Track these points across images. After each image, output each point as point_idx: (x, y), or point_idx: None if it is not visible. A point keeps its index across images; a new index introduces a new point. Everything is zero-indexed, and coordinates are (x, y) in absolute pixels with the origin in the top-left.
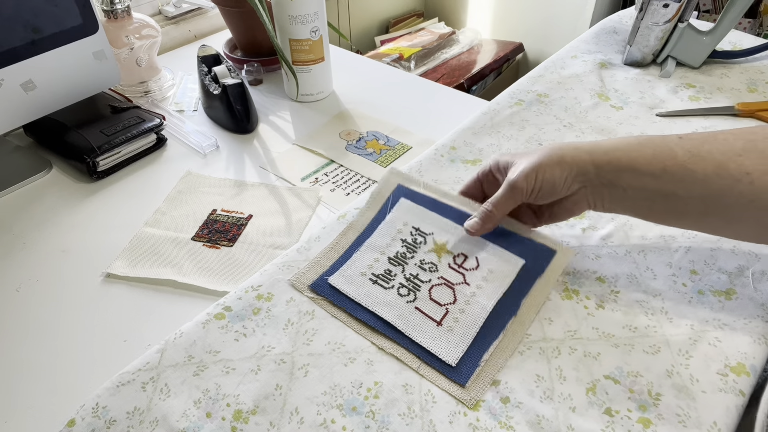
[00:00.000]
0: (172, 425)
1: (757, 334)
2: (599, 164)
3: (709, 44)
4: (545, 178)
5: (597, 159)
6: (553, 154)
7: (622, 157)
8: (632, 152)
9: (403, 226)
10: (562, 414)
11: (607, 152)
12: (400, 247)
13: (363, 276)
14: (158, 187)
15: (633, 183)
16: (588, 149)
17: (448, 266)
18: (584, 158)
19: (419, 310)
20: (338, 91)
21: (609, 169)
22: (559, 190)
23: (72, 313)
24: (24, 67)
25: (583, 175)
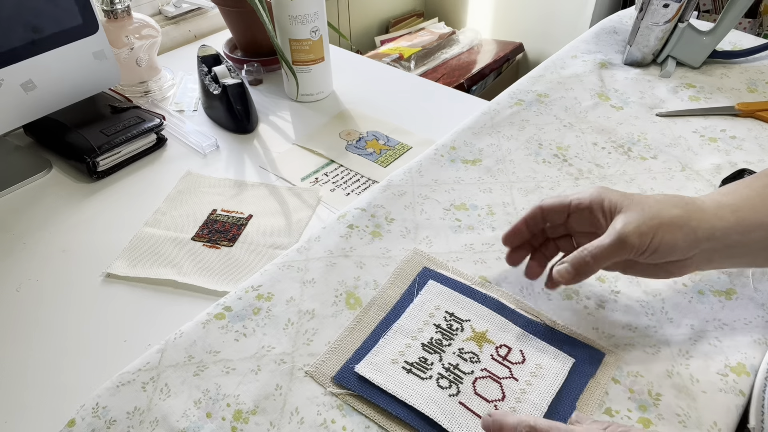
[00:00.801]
0: (172, 425)
1: (758, 334)
2: (727, 227)
3: (709, 44)
4: (664, 240)
5: (725, 222)
6: (676, 214)
7: (749, 215)
8: (758, 206)
9: (435, 310)
10: None
11: (735, 210)
12: (434, 332)
13: (395, 364)
14: (158, 187)
15: (761, 237)
16: (713, 210)
17: (491, 357)
18: (712, 222)
19: (464, 405)
20: (338, 91)
21: (738, 231)
22: (677, 255)
23: (72, 313)
24: (24, 67)
25: (708, 240)
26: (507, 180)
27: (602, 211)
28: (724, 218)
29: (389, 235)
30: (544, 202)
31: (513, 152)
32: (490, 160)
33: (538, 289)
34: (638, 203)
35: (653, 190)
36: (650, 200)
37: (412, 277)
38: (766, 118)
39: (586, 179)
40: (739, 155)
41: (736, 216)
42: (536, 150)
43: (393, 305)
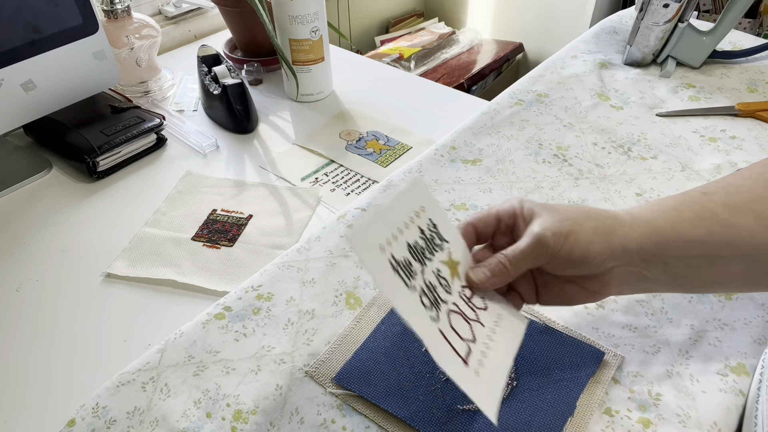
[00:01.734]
0: (172, 425)
1: (758, 335)
2: (641, 237)
3: (709, 44)
4: (579, 242)
5: (639, 232)
6: (590, 219)
7: (664, 225)
8: (672, 218)
9: (421, 210)
10: None
11: (648, 222)
12: (418, 237)
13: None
14: (158, 187)
15: (677, 253)
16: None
17: (458, 294)
18: (626, 231)
19: (443, 335)
20: (338, 91)
21: (654, 242)
22: (591, 263)
23: (72, 313)
24: (24, 67)
25: (623, 252)
26: (507, 180)
27: (523, 218)
28: (638, 228)
29: None
30: (472, 217)
31: (513, 152)
32: (490, 160)
33: None
34: (555, 209)
35: (653, 190)
36: (568, 207)
37: None
38: (766, 118)
39: (586, 179)
40: (740, 155)
41: (651, 227)
42: (536, 150)
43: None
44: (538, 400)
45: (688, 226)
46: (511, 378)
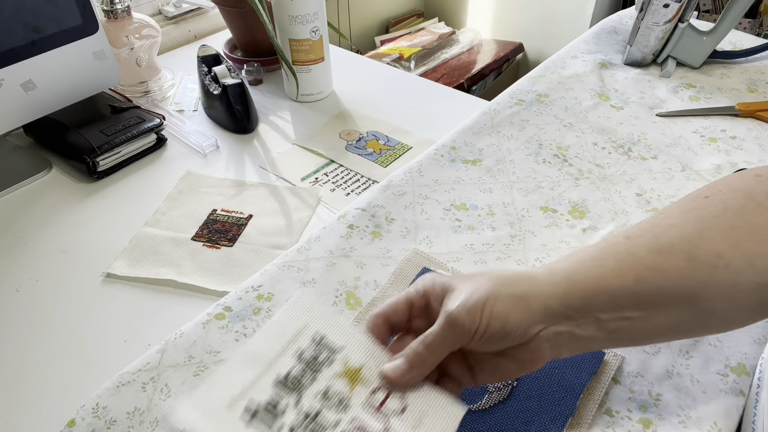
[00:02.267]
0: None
1: (758, 335)
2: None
3: (710, 44)
4: (495, 313)
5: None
6: (504, 285)
7: (586, 278)
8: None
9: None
10: None
11: (568, 277)
12: (293, 365)
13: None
14: (158, 187)
15: (605, 306)
16: (544, 278)
17: (361, 407)
18: (544, 289)
19: None
20: (338, 91)
21: (578, 296)
22: (514, 332)
23: (72, 313)
24: (24, 67)
25: (545, 312)
26: (507, 180)
27: (435, 297)
28: (557, 285)
29: (389, 236)
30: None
31: (513, 152)
32: (490, 160)
33: None
34: (467, 280)
35: (653, 190)
36: (482, 276)
37: (412, 277)
38: (766, 118)
39: (587, 179)
40: (740, 155)
41: (571, 281)
42: (536, 150)
43: None
44: (538, 400)
45: (612, 275)
46: None
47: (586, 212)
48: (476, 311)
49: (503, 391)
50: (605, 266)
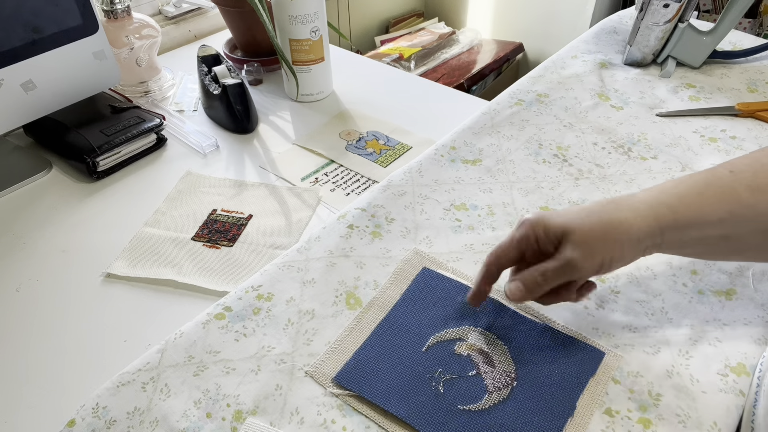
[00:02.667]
0: (172, 425)
1: (758, 334)
2: (666, 228)
3: (710, 44)
4: (615, 257)
5: (664, 223)
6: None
7: (687, 212)
8: (696, 204)
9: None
10: None
11: (672, 209)
12: (431, 339)
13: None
14: (158, 187)
15: (697, 235)
16: (653, 211)
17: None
18: (652, 226)
19: None
20: (338, 91)
21: (675, 228)
22: (621, 266)
23: (72, 313)
24: (24, 67)
25: (651, 245)
26: (507, 180)
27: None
28: (663, 220)
29: (389, 235)
30: (490, 256)
31: (513, 152)
32: (490, 160)
33: None
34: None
35: None
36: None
37: (412, 277)
38: (766, 118)
39: (587, 179)
40: (740, 155)
41: (675, 215)
42: (536, 150)
43: (393, 305)
44: (538, 400)
45: (711, 210)
46: (511, 378)
47: None
48: (596, 259)
49: (503, 392)
50: (707, 201)
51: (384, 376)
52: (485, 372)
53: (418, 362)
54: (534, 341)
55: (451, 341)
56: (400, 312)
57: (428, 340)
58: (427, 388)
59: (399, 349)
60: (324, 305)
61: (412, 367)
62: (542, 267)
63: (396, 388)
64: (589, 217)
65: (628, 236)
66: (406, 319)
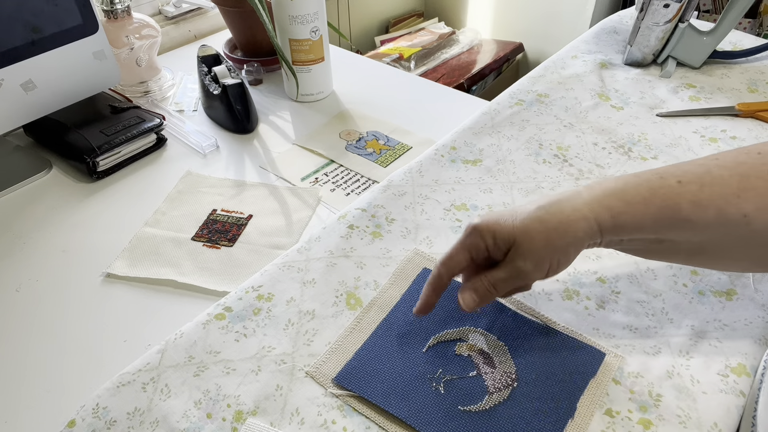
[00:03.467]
0: (172, 426)
1: (758, 335)
2: (606, 230)
3: (710, 44)
4: (560, 261)
5: (604, 226)
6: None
7: (628, 220)
8: (638, 212)
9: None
10: None
11: (613, 214)
12: (432, 340)
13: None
14: (158, 187)
15: (634, 238)
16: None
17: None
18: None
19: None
20: (338, 91)
21: (614, 233)
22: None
23: (72, 313)
24: (24, 67)
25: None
26: (507, 180)
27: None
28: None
29: (389, 236)
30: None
31: (513, 152)
32: (490, 161)
33: (538, 290)
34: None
35: None
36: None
37: (412, 277)
38: (766, 118)
39: (587, 179)
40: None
41: (616, 221)
42: (536, 150)
43: (393, 305)
44: (538, 401)
45: (650, 220)
46: (511, 379)
47: None
48: (544, 266)
49: (504, 392)
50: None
51: (384, 376)
52: (486, 372)
53: (419, 362)
54: (534, 342)
55: (452, 342)
56: (401, 312)
57: (429, 340)
58: (427, 389)
59: (399, 350)
60: (324, 305)
61: (412, 367)
62: (493, 277)
63: (396, 389)
64: (533, 224)
65: (573, 239)
66: (406, 319)
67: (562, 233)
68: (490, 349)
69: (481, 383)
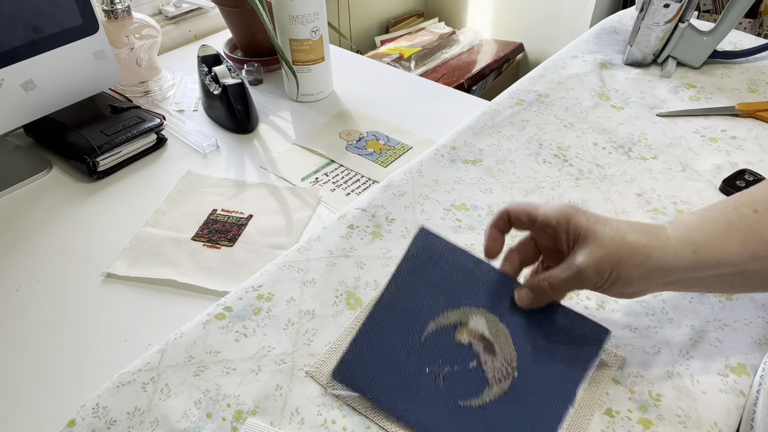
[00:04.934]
0: (172, 425)
1: (758, 335)
2: (684, 267)
3: (710, 44)
4: (621, 276)
5: (682, 262)
6: (633, 249)
7: (710, 255)
8: (720, 246)
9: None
10: None
11: (696, 250)
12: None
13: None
14: (158, 187)
15: (718, 274)
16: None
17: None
18: (670, 261)
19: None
20: (338, 91)
21: (693, 269)
22: (630, 289)
23: (72, 313)
24: (24, 67)
25: (663, 277)
26: (507, 180)
27: (566, 233)
28: (682, 258)
29: (390, 236)
30: (511, 206)
31: (513, 152)
32: (490, 161)
33: None
34: (601, 236)
35: (654, 190)
36: (613, 232)
37: None
38: (766, 118)
39: (587, 179)
40: (740, 155)
41: (697, 256)
42: (537, 150)
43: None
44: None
45: (735, 252)
46: (512, 368)
47: None
48: (604, 272)
49: (504, 384)
50: (731, 242)
51: (382, 371)
52: (486, 362)
53: (418, 354)
54: (537, 320)
55: (452, 327)
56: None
57: (427, 326)
58: (427, 383)
59: (398, 337)
60: (324, 305)
61: (411, 360)
62: (551, 276)
63: (396, 384)
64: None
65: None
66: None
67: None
68: (491, 334)
69: (481, 375)
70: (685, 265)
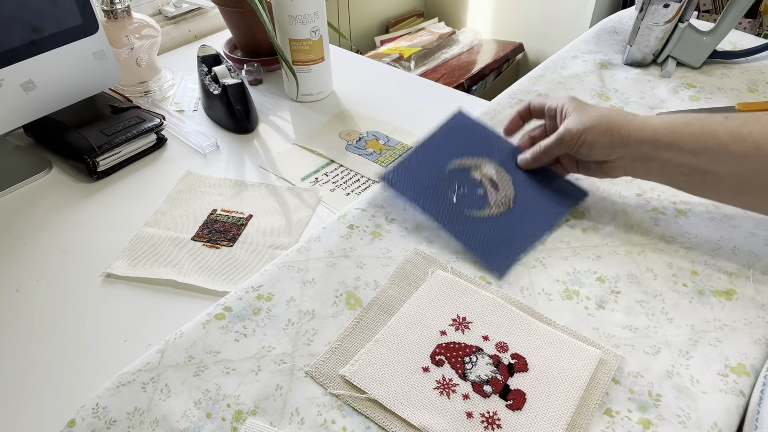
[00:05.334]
0: (172, 426)
1: (758, 335)
2: (641, 140)
3: (710, 44)
4: (587, 140)
5: (641, 135)
6: (603, 121)
7: (665, 135)
8: (676, 131)
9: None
10: None
11: (654, 129)
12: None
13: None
14: (158, 187)
15: (672, 159)
16: (637, 125)
17: None
18: (629, 132)
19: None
20: (338, 91)
21: (650, 144)
22: (598, 153)
23: (72, 313)
24: (24, 67)
25: (624, 147)
26: None
27: (562, 113)
28: (642, 132)
29: (389, 236)
30: (532, 101)
31: None
32: None
33: (538, 289)
34: (584, 110)
35: (653, 190)
36: (593, 111)
37: (412, 277)
38: None
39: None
40: None
41: (653, 134)
42: None
43: (393, 305)
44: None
45: (686, 139)
46: (509, 201)
47: (586, 212)
48: (576, 135)
49: (501, 209)
50: (686, 131)
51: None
52: (490, 194)
53: (443, 179)
54: (533, 175)
55: (470, 167)
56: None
57: (451, 163)
58: (446, 196)
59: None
60: (324, 305)
61: (439, 179)
62: (543, 142)
63: (428, 196)
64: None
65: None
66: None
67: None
68: (497, 178)
69: (485, 200)
70: (643, 138)
